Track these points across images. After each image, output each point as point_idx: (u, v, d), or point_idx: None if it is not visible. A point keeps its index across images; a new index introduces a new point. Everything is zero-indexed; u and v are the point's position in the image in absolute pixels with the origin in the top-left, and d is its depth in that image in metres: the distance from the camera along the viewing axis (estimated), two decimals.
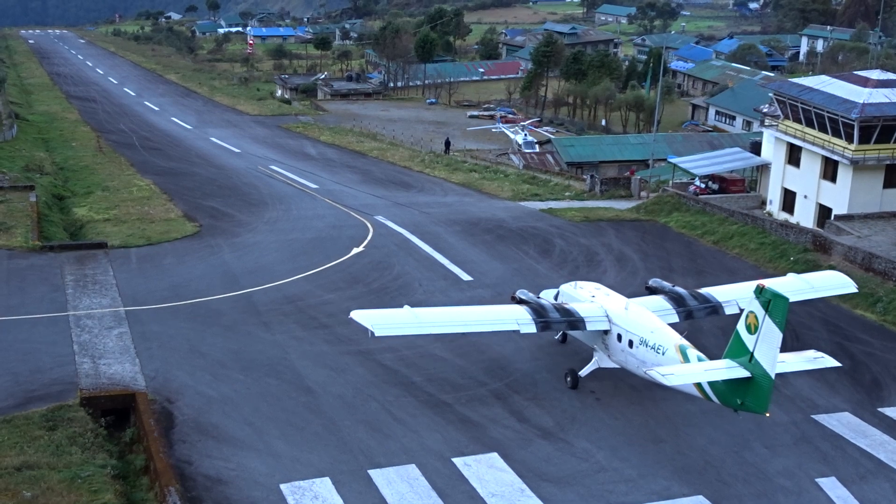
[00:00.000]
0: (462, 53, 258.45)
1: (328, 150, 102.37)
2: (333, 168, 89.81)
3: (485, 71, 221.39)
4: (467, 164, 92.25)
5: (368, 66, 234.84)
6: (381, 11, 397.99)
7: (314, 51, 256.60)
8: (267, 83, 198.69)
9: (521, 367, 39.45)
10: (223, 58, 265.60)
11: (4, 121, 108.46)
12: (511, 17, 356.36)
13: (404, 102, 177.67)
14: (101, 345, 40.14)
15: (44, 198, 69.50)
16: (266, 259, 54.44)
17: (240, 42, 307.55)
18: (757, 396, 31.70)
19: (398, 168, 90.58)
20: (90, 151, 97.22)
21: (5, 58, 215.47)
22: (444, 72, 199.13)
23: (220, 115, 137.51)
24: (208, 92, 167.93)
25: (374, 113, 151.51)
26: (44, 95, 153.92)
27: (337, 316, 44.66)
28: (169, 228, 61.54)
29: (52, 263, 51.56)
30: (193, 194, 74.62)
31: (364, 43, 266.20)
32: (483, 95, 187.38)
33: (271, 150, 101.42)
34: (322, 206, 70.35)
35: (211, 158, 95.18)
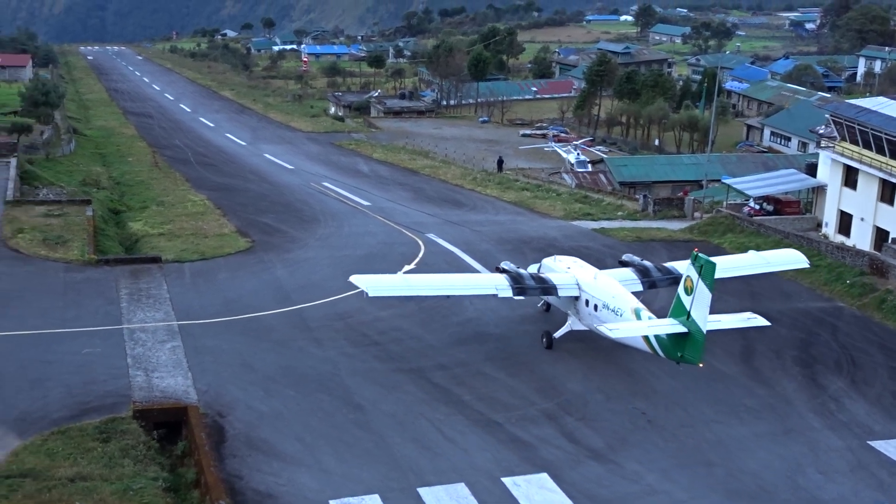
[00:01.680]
0: (515, 72, 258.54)
1: (380, 168, 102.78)
2: (385, 185, 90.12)
3: (537, 90, 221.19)
4: (519, 183, 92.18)
5: (421, 84, 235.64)
6: (434, 30, 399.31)
7: (368, 68, 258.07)
8: (320, 100, 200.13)
9: (573, 388, 39.23)
10: (277, 75, 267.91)
11: (63, 136, 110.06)
12: (564, 35, 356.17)
13: (457, 120, 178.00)
14: (154, 358, 40.49)
15: (100, 212, 70.35)
16: (318, 275, 54.67)
17: (294, 59, 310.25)
18: (693, 349, 37.26)
19: (450, 186, 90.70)
20: (146, 167, 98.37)
21: (65, 74, 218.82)
22: (496, 90, 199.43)
23: (274, 131, 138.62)
24: (262, 109, 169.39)
25: (426, 131, 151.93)
26: (101, 111, 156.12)
27: (388, 333, 44.76)
28: (222, 244, 62.03)
29: (107, 277, 52.14)
30: (247, 210, 75.20)
31: (417, 61, 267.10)
32: (536, 114, 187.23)
33: (324, 166, 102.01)
34: (374, 223, 70.58)
35: (264, 175, 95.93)
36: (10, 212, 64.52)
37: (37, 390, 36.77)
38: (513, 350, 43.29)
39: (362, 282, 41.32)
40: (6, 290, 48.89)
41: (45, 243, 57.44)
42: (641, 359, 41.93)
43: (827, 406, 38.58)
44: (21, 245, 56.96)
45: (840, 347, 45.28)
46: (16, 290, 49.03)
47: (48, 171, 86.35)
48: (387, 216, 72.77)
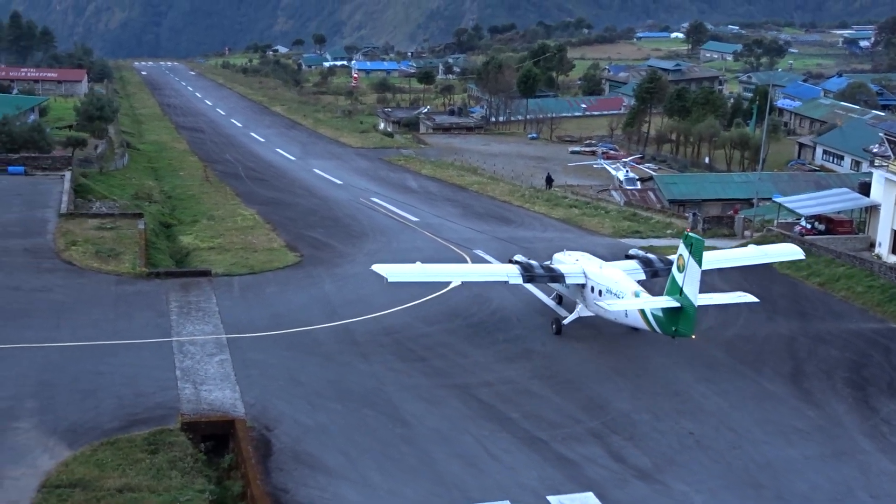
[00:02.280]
0: (564, 89, 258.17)
1: (429, 184, 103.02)
2: (434, 201, 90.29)
3: (587, 107, 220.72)
4: (568, 200, 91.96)
5: (470, 101, 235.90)
6: (484, 46, 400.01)
7: (417, 85, 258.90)
8: (370, 116, 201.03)
9: (620, 406, 39.02)
10: (328, 90, 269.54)
11: (116, 150, 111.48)
12: (615, 52, 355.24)
13: (506, 137, 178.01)
14: (202, 371, 40.80)
15: (152, 225, 71.11)
16: (365, 290, 54.82)
17: (344, 75, 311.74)
18: (686, 323, 41.35)
19: (498, 202, 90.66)
20: (197, 181, 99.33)
21: (119, 89, 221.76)
22: (546, 107, 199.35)
23: (324, 146, 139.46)
24: (313, 124, 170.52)
25: (475, 147, 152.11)
26: (154, 125, 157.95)
27: (434, 349, 44.81)
28: (271, 258, 62.46)
29: (157, 290, 52.65)
30: (296, 225, 75.67)
31: (467, 77, 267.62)
32: (585, 131, 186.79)
33: (373, 182, 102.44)
34: (422, 238, 70.71)
35: (314, 189, 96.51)
36: (63, 224, 65.39)
37: (88, 401, 37.17)
38: (559, 368, 43.16)
39: (383, 270, 45.81)
40: (59, 302, 49.55)
41: (98, 256, 58.16)
42: (691, 379, 41.70)
43: (879, 429, 38.05)
44: (74, 257, 57.72)
45: (893, 370, 44.65)
46: (69, 302, 49.68)
47: (101, 184, 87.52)
48: (435, 232, 72.90)
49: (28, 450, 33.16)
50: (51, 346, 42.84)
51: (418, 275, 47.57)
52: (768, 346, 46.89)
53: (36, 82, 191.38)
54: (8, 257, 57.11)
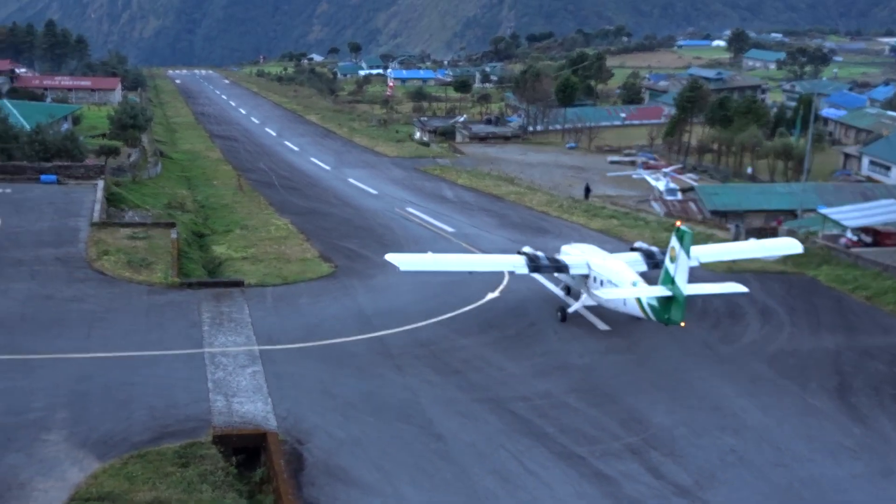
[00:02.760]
0: (603, 98, 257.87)
1: (465, 194, 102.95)
2: (470, 211, 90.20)
3: (626, 116, 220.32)
4: (606, 211, 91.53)
5: (508, 110, 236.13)
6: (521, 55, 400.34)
7: (454, 93, 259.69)
8: (406, 125, 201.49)
9: (659, 421, 38.67)
10: (363, 99, 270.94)
11: (150, 158, 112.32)
12: (655, 61, 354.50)
13: (543, 146, 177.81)
14: (234, 383, 40.83)
15: (184, 235, 71.48)
16: (400, 301, 54.77)
17: (380, 84, 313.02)
18: (677, 310, 44.86)
19: (535, 213, 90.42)
20: (230, 190, 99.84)
21: (153, 97, 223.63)
22: (584, 116, 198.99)
23: (359, 156, 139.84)
24: (348, 133, 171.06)
25: (512, 157, 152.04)
26: (188, 134, 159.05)
27: (471, 362, 44.64)
28: (305, 268, 62.58)
29: (189, 300, 52.85)
30: (330, 235, 75.81)
31: (504, 86, 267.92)
32: (624, 141, 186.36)
33: (408, 192, 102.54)
34: (457, 249, 70.55)
35: (348, 199, 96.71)
36: (96, 234, 65.86)
37: (120, 412, 37.28)
38: (597, 382, 42.86)
39: (395, 259, 50.05)
40: (91, 312, 49.84)
41: (130, 265, 58.51)
42: (732, 393, 41.29)
43: None
44: (106, 267, 58.10)
45: None
46: (100, 312, 49.96)
47: (134, 193, 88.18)
48: (471, 243, 72.79)
49: (58, 462, 33.28)
50: (83, 357, 43.06)
51: (429, 264, 51.60)
52: (813, 361, 46.33)
53: (70, 90, 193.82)
54: (40, 266, 57.61)
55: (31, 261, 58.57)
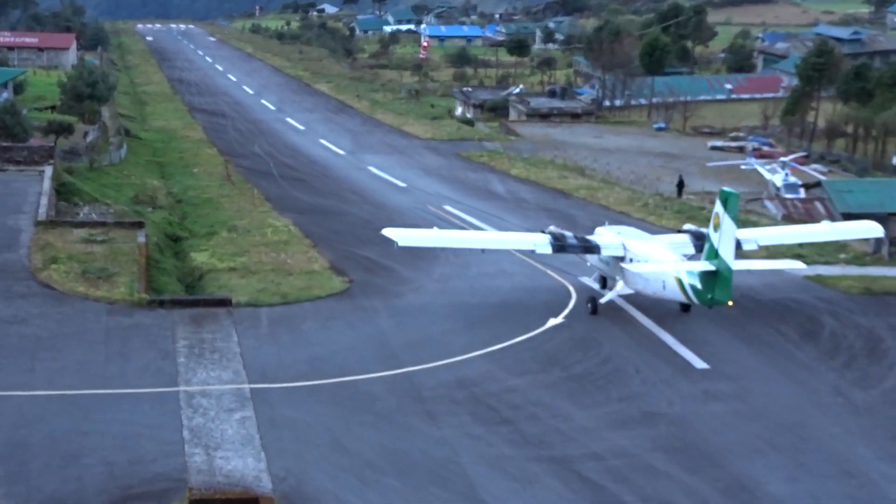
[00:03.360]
0: (703, 64, 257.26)
1: (520, 188, 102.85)
2: (527, 211, 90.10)
3: (733, 87, 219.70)
4: (706, 211, 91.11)
5: (577, 79, 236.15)
6: (596, 7, 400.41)
7: (507, 57, 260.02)
8: (444, 98, 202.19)
9: (773, 490, 38.38)
10: (389, 64, 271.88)
11: (112, 139, 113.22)
12: (771, 16, 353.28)
13: (623, 127, 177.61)
14: (217, 431, 40.91)
15: (155, 238, 71.82)
16: (434, 329, 54.77)
17: (411, 44, 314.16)
18: (722, 288, 49.88)
19: (612, 214, 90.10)
20: (215, 180, 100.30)
21: (117, 59, 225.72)
22: (677, 87, 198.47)
23: (382, 137, 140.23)
24: (368, 107, 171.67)
25: (582, 140, 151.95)
26: (161, 107, 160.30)
27: (524, 408, 44.56)
28: (310, 283, 62.71)
29: (161, 323, 53.02)
30: (344, 240, 75.95)
31: (573, 48, 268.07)
32: (730, 120, 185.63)
33: (446, 184, 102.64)
34: (510, 260, 70.42)
35: (368, 194, 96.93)
36: (41, 235, 66.26)
37: (70, 469, 37.38)
38: (691, 437, 42.65)
39: (393, 234, 56.42)
40: (34, 338, 50.07)
41: (85, 277, 58.79)
42: (870, 455, 40.94)
43: None
44: (54, 279, 58.39)
45: None
46: (46, 338, 50.19)
47: (91, 183, 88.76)
48: (527, 252, 72.62)
49: None
50: (22, 396, 43.25)
51: (434, 240, 59.36)
52: None
53: (10, 50, 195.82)
54: None
55: None
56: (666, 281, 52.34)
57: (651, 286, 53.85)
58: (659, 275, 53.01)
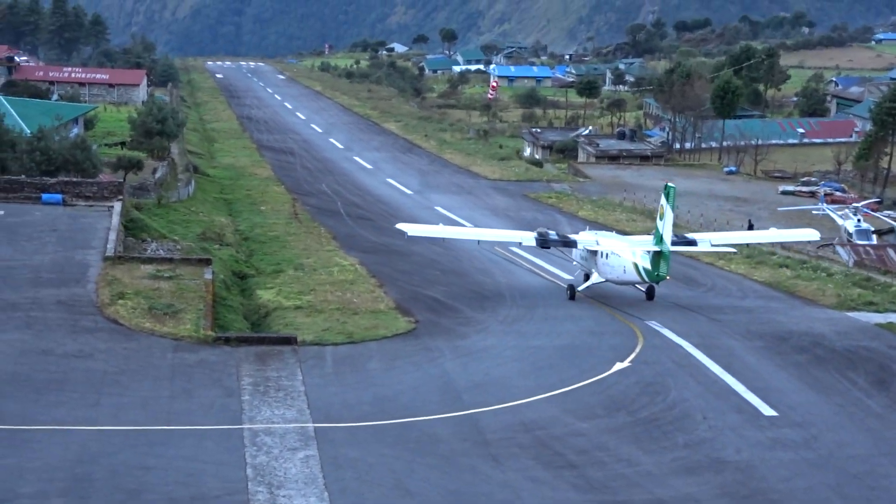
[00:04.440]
0: (775, 107, 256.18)
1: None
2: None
3: (805, 132, 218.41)
4: (776, 258, 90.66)
5: (647, 121, 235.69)
6: (667, 49, 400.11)
7: (576, 98, 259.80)
8: (512, 138, 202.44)
9: None
10: (458, 103, 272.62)
11: (180, 175, 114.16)
12: (845, 60, 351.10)
13: (693, 170, 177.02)
14: (281, 470, 41.00)
15: (222, 275, 72.25)
16: (499, 371, 54.69)
17: (480, 83, 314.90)
18: (664, 265, 66.23)
19: (681, 259, 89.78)
20: (283, 218, 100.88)
21: (187, 96, 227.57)
22: (748, 131, 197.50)
23: (450, 177, 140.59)
24: (436, 147, 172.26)
25: (651, 182, 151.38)
26: (230, 144, 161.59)
27: (590, 453, 44.34)
28: (376, 323, 62.89)
29: (226, 360, 53.35)
30: (410, 280, 76.16)
31: (643, 89, 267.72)
32: (802, 164, 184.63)
33: (513, 226, 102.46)
34: (577, 304, 70.40)
35: None
36: (109, 271, 66.79)
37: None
38: (759, 484, 42.24)
39: (405, 227, 74.79)
40: (100, 373, 50.46)
41: (152, 313, 59.23)
42: None
43: None
44: (121, 314, 58.87)
45: None
46: (112, 373, 50.58)
47: (159, 219, 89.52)
48: (595, 295, 72.54)
49: None
50: (87, 430, 43.57)
51: (438, 232, 75.78)
52: None
53: (82, 85, 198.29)
54: (38, 312, 58.48)
55: (26, 304, 59.50)
56: (626, 266, 67.81)
57: (615, 272, 69.01)
58: (621, 262, 68.14)
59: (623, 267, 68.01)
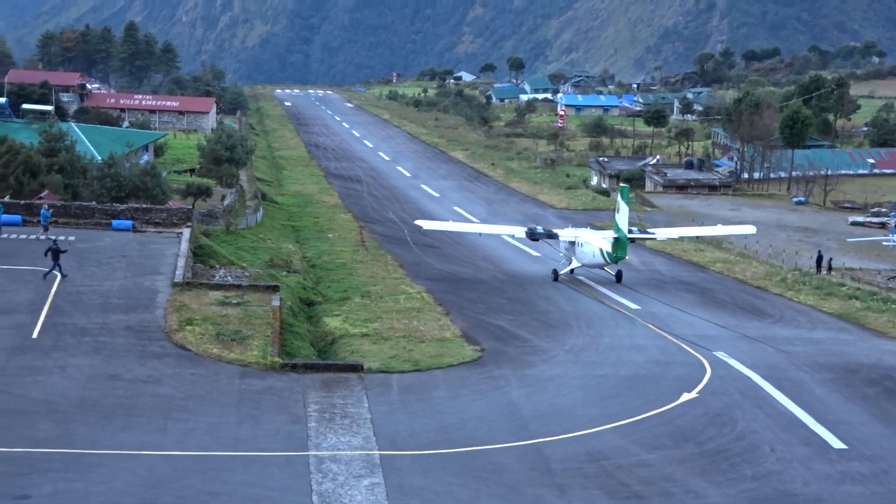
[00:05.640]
0: (845, 137, 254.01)
1: (655, 260, 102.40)
2: (662, 284, 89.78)
3: (875, 162, 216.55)
4: (846, 289, 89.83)
5: (715, 150, 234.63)
6: (735, 79, 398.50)
7: (644, 127, 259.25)
8: (579, 167, 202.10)
9: None
10: (525, 132, 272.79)
11: (249, 202, 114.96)
12: None
13: (762, 200, 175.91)
14: (346, 497, 41.05)
15: (289, 302, 72.60)
16: (565, 400, 54.55)
17: (548, 112, 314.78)
18: (622, 249, 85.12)
19: (749, 289, 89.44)
20: (350, 245, 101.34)
21: (256, 123, 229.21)
22: (818, 161, 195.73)
23: (517, 206, 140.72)
24: (503, 176, 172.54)
25: (719, 212, 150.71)
26: (298, 172, 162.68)
27: (656, 484, 44.07)
28: (442, 351, 62.97)
29: (293, 387, 53.54)
30: (476, 308, 76.21)
31: (711, 119, 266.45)
32: (872, 195, 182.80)
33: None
34: (644, 333, 70.18)
35: (501, 262, 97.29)
36: (178, 297, 67.28)
37: None
38: None
39: (422, 223, 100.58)
40: (168, 398, 50.80)
41: (219, 339, 59.59)
42: None
43: None
44: (189, 340, 59.27)
45: None
46: (179, 398, 50.93)
47: (227, 246, 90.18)
48: (662, 325, 72.29)
49: None
50: (155, 455, 43.89)
51: (447, 227, 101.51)
52: None
53: (152, 113, 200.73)
54: (107, 337, 59.04)
55: (95, 329, 60.14)
56: (594, 252, 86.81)
57: (587, 257, 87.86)
58: (591, 248, 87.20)
59: (593, 253, 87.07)
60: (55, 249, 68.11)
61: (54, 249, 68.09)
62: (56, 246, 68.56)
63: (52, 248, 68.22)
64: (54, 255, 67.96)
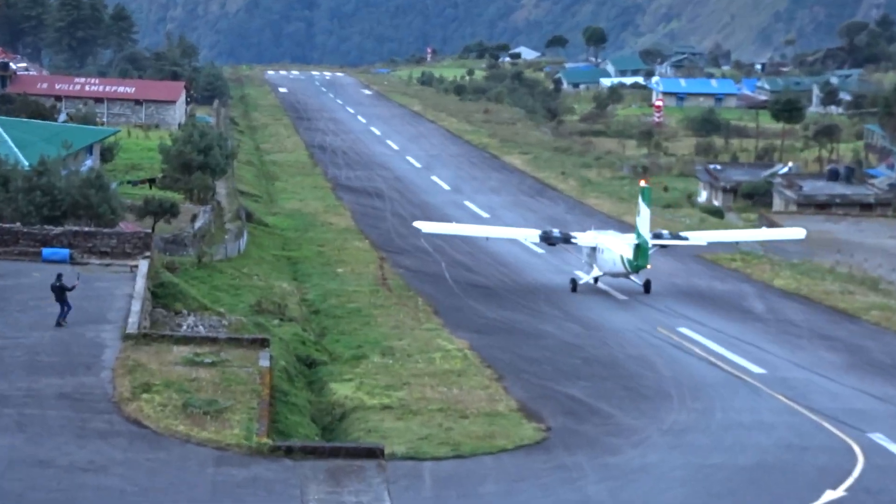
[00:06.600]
0: None
1: (786, 305, 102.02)
2: (795, 338, 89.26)
3: None
4: None
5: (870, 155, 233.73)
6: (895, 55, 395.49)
7: (770, 122, 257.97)
8: (682, 178, 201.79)
9: None
10: (607, 130, 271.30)
11: (229, 225, 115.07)
12: None
13: None
14: None
15: (283, 361, 72.59)
16: (663, 499, 54.33)
17: (639, 101, 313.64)
18: (643, 256, 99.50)
19: None
20: (366, 285, 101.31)
21: (239, 117, 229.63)
22: None
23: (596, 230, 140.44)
24: (577, 189, 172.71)
25: (875, 241, 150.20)
26: (296, 183, 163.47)
27: None
28: (492, 430, 62.73)
29: (287, 478, 53.33)
30: (538, 371, 76.05)
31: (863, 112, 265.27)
32: None
33: (683, 298, 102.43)
34: (771, 406, 69.87)
35: (574, 308, 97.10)
36: (131, 353, 67.15)
37: None
38: None
39: (421, 224, 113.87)
40: (117, 492, 50.56)
41: (187, 412, 59.46)
42: None
43: None
44: (146, 414, 59.13)
45: None
46: (132, 493, 50.66)
47: (200, 284, 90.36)
48: (795, 396, 71.95)
49: None
50: None
51: (451, 229, 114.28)
52: None
53: (99, 102, 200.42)
54: (35, 408, 58.88)
55: (18, 398, 59.99)
56: (615, 260, 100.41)
57: (608, 265, 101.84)
58: (612, 256, 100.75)
59: (613, 260, 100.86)
60: (60, 287, 68.49)
61: (58, 287, 68.45)
62: (61, 283, 68.88)
63: (55, 286, 68.60)
64: (59, 294, 68.38)
